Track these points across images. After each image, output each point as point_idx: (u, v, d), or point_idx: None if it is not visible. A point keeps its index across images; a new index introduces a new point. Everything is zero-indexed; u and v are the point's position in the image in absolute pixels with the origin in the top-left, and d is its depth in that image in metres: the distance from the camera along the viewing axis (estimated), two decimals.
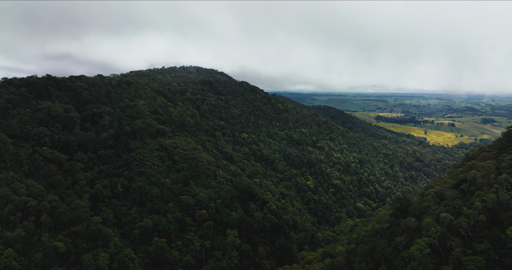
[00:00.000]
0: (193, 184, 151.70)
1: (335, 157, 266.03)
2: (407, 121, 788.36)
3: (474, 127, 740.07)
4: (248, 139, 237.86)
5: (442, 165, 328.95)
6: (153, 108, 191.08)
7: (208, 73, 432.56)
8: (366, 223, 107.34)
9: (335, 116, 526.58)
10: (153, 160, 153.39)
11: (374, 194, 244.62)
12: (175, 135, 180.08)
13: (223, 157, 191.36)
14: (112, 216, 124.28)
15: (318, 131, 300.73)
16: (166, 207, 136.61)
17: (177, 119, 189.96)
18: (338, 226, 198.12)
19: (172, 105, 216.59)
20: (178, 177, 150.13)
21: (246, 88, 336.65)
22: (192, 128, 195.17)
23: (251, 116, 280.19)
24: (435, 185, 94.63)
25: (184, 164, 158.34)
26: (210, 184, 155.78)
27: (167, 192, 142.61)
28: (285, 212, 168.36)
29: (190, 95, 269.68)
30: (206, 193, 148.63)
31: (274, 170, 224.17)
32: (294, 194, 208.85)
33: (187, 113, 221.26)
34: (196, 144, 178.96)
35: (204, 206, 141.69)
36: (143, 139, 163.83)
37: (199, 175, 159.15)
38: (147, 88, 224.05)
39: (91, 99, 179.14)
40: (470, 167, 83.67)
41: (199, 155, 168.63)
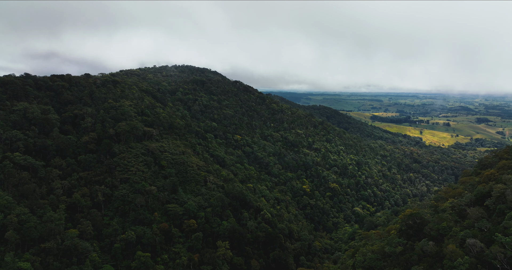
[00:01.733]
0: (181, 191, 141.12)
1: (331, 159, 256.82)
2: (402, 121, 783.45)
3: (469, 126, 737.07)
4: (241, 141, 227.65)
5: (440, 167, 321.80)
6: (140, 109, 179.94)
7: (200, 72, 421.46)
8: (369, 238, 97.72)
9: (330, 116, 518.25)
10: (138, 165, 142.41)
11: (372, 198, 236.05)
12: (163, 138, 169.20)
13: (215, 161, 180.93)
14: (91, 228, 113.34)
15: (314, 132, 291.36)
16: (151, 217, 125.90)
17: (165, 121, 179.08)
18: (335, 233, 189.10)
19: (161, 106, 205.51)
20: (165, 183, 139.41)
21: (240, 87, 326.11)
22: (182, 130, 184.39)
23: (245, 117, 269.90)
24: (447, 196, 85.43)
25: (171, 169, 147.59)
26: (200, 191, 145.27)
27: (152, 201, 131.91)
28: (280, 219, 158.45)
29: (180, 95, 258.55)
30: (195, 201, 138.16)
31: (268, 173, 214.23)
32: (290, 199, 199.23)
33: (176, 114, 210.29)
34: (186, 148, 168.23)
35: (193, 215, 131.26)
36: (128, 143, 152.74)
37: (188, 181, 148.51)
38: (134, 88, 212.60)
39: (72, 100, 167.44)
40: (489, 177, 74.57)
41: (188, 160, 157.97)
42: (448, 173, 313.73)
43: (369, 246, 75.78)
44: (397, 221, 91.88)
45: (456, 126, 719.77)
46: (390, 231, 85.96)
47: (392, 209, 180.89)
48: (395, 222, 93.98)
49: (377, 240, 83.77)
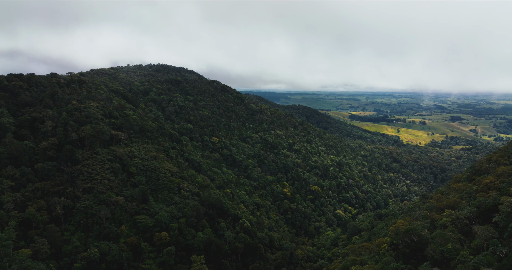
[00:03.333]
0: (152, 200, 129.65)
1: (312, 160, 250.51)
2: (380, 120, 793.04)
3: (444, 125, 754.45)
4: (219, 144, 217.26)
5: (419, 166, 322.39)
6: (108, 111, 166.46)
7: (176, 72, 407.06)
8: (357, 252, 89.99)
9: (310, 116, 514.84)
10: (104, 173, 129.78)
11: (354, 200, 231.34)
12: (132, 142, 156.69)
13: (190, 166, 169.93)
14: (47, 246, 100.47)
15: (294, 133, 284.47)
16: (117, 230, 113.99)
17: (136, 124, 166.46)
18: (318, 238, 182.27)
19: (132, 107, 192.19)
20: (134, 193, 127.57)
21: (217, 87, 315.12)
22: (154, 134, 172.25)
23: (223, 118, 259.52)
24: (440, 205, 78.81)
25: (141, 177, 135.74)
26: (173, 199, 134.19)
27: (120, 212, 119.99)
28: (260, 228, 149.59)
29: (154, 95, 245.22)
30: (168, 211, 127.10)
31: (247, 177, 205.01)
32: (270, 204, 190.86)
33: (149, 116, 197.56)
34: (158, 152, 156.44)
35: (165, 227, 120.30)
36: (93, 148, 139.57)
37: (160, 190, 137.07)
38: (102, 88, 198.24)
39: (31, 102, 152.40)
40: (488, 186, 68.33)
41: (160, 165, 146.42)
42: (427, 172, 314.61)
43: (358, 266, 68.18)
44: (387, 233, 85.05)
45: (432, 125, 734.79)
46: (381, 245, 78.91)
47: (375, 213, 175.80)
48: (385, 234, 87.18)
49: (367, 257, 76.42)
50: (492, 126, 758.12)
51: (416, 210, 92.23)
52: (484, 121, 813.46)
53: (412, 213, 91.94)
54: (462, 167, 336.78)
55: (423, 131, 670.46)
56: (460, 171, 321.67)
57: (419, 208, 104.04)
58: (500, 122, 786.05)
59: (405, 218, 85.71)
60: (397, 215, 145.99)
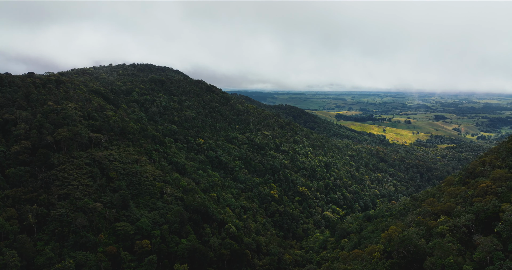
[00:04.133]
0: (133, 206, 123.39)
1: (300, 161, 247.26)
2: (366, 119, 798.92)
3: (428, 124, 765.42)
4: (204, 145, 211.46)
5: (405, 165, 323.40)
6: (87, 112, 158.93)
7: (161, 71, 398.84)
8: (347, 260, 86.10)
9: (297, 116, 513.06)
10: (81, 178, 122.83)
11: (342, 200, 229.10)
12: (113, 144, 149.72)
13: (174, 169, 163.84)
14: (18, 259, 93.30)
15: (282, 133, 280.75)
16: (95, 239, 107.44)
17: (116, 125, 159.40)
18: (306, 241, 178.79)
19: (113, 108, 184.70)
20: (113, 198, 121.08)
21: (203, 87, 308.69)
22: (136, 135, 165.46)
23: (208, 119, 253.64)
24: (434, 210, 75.64)
25: (122, 181, 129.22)
26: (156, 205, 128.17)
27: (98, 220, 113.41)
28: (247, 232, 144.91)
29: (137, 95, 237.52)
30: (150, 217, 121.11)
31: (234, 179, 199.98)
32: (257, 207, 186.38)
33: (131, 117, 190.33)
34: (140, 155, 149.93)
35: (147, 234, 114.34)
36: (70, 152, 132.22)
37: (142, 195, 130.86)
38: (82, 88, 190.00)
39: (4, 103, 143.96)
40: (485, 190, 65.41)
41: (142, 169, 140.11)
42: (414, 171, 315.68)
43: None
44: (379, 240, 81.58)
45: (416, 124, 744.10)
46: (373, 252, 75.26)
47: (364, 214, 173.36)
48: (376, 240, 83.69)
49: (358, 266, 72.60)
50: (475, 124, 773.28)
51: (408, 215, 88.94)
52: (467, 120, 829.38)
53: (404, 218, 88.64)
54: (448, 166, 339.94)
55: (408, 130, 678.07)
56: (446, 170, 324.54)
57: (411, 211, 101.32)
58: (482, 121, 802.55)
59: (398, 224, 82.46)
60: (386, 217, 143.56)
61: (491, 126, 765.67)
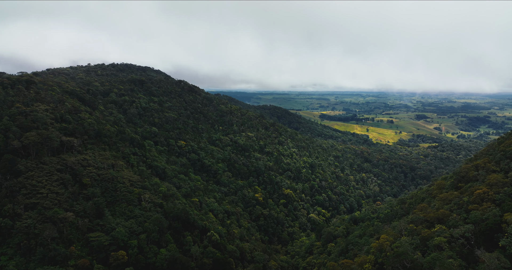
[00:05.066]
0: (108, 214, 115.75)
1: (284, 163, 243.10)
2: (349, 119, 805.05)
3: (410, 123, 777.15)
4: (186, 148, 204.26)
5: (389, 165, 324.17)
6: (59, 115, 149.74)
7: (141, 71, 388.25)
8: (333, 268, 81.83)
9: (281, 116, 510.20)
10: (51, 186, 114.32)
11: (327, 202, 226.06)
12: (87, 149, 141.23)
13: (153, 173, 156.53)
14: None
15: (266, 134, 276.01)
16: (66, 252, 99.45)
17: (91, 128, 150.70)
18: (292, 245, 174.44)
19: (88, 110, 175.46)
20: (86, 207, 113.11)
21: (184, 88, 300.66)
22: (113, 139, 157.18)
23: (190, 120, 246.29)
24: (427, 217, 71.86)
25: (96, 188, 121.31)
26: (133, 212, 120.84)
27: (69, 230, 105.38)
28: (231, 239, 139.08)
29: (115, 96, 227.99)
30: (127, 226, 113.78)
31: (217, 183, 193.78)
32: (241, 210, 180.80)
33: (108, 119, 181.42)
34: (116, 160, 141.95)
35: (123, 245, 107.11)
36: (40, 157, 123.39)
37: (118, 202, 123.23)
38: (55, 89, 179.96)
39: None
40: (482, 197, 61.94)
41: (119, 174, 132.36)
42: (398, 171, 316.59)
43: None
44: (369, 250, 77.38)
45: (399, 123, 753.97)
46: (363, 264, 71.01)
47: (350, 217, 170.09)
48: (367, 250, 79.59)
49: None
50: (455, 124, 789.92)
51: (399, 221, 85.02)
52: (447, 119, 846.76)
53: (394, 225, 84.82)
54: (431, 165, 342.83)
55: (391, 129, 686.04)
56: (429, 169, 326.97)
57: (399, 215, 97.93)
58: (462, 120, 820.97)
59: (389, 232, 78.61)
60: (373, 220, 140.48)
61: (470, 125, 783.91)
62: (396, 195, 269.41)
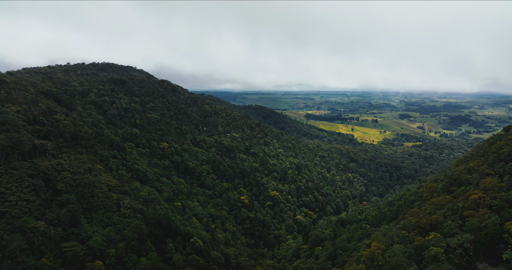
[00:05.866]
0: (84, 222, 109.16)
1: (270, 164, 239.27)
2: (334, 119, 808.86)
3: (394, 122, 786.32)
4: (168, 149, 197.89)
5: (375, 165, 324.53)
6: (32, 117, 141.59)
7: (123, 71, 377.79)
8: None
9: (267, 116, 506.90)
10: (22, 193, 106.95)
11: (314, 203, 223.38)
12: (62, 152, 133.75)
13: (134, 177, 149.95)
14: None
15: (251, 135, 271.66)
16: (37, 264, 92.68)
17: (67, 130, 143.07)
18: (278, 249, 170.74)
19: (65, 111, 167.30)
20: (60, 214, 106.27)
21: (167, 87, 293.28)
22: (91, 141, 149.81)
23: (173, 121, 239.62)
24: (419, 223, 68.86)
25: (71, 194, 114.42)
26: (111, 219, 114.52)
27: (41, 241, 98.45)
28: (215, 244, 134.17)
29: (94, 97, 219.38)
30: (104, 234, 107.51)
31: (201, 185, 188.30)
32: (226, 214, 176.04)
33: (86, 121, 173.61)
34: (94, 163, 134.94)
35: (100, 254, 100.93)
36: (9, 162, 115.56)
37: (95, 208, 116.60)
38: (29, 89, 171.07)
39: None
40: (478, 203, 59.19)
41: (96, 179, 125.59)
42: (383, 171, 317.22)
43: None
44: (360, 258, 73.76)
45: (383, 122, 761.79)
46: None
47: (337, 219, 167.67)
48: (357, 258, 76.06)
49: None
50: (437, 123, 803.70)
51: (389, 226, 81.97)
52: (430, 118, 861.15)
53: (385, 231, 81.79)
54: (415, 164, 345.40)
55: (376, 129, 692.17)
56: (414, 168, 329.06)
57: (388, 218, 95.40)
58: (444, 119, 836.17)
59: (380, 239, 75.46)
60: (361, 222, 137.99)
61: (452, 124, 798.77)
62: (382, 195, 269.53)
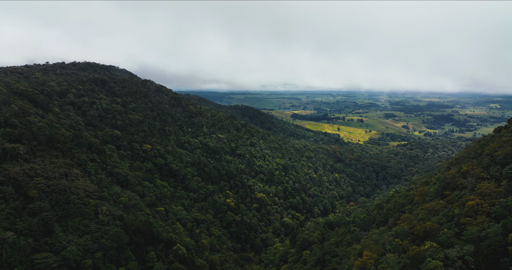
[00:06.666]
0: (59, 231, 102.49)
1: (257, 165, 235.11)
2: (321, 118, 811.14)
3: (379, 122, 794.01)
4: (151, 152, 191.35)
5: (361, 164, 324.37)
6: (3, 119, 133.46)
7: (105, 70, 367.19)
8: None
9: (253, 116, 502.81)
10: None
11: (301, 205, 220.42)
12: (36, 156, 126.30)
13: (114, 181, 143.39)
14: None
15: (237, 136, 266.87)
16: None
17: (42, 133, 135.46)
18: (265, 253, 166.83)
19: (40, 113, 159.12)
20: (32, 223, 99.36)
21: (151, 88, 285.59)
22: (68, 144, 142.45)
23: (157, 122, 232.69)
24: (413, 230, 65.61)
25: (44, 201, 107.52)
26: (88, 227, 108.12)
27: (10, 253, 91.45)
28: (200, 251, 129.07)
29: (73, 97, 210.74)
30: (80, 243, 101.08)
31: (186, 188, 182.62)
32: (212, 218, 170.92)
33: (63, 123, 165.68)
34: (71, 168, 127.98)
35: (75, 265, 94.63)
36: None
37: (71, 216, 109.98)
38: (1, 90, 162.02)
39: None
40: (475, 210, 56.29)
41: (72, 185, 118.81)
42: (370, 170, 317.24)
43: None
44: (350, 268, 70.24)
45: (369, 122, 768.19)
46: None
47: (325, 221, 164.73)
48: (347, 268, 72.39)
49: None
50: (421, 122, 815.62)
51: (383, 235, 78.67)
52: (414, 117, 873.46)
53: (376, 238, 78.46)
54: (401, 163, 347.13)
55: (361, 128, 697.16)
56: (399, 168, 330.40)
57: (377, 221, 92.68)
58: (427, 118, 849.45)
59: (371, 247, 72.00)
60: (349, 226, 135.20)
61: (435, 123, 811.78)
62: (368, 195, 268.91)
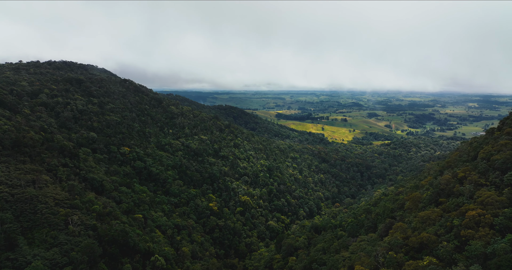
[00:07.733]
0: (23, 244, 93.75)
1: (241, 167, 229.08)
2: (305, 118, 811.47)
3: (363, 121, 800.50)
4: (130, 155, 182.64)
5: (346, 164, 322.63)
6: None
7: (83, 70, 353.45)
8: None
9: (237, 117, 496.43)
10: None
11: (286, 207, 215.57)
12: (0, 162, 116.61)
13: (88, 188, 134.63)
14: None
15: (221, 137, 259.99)
16: None
17: (7, 137, 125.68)
18: (250, 259, 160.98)
19: (7, 114, 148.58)
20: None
21: (130, 88, 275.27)
22: (37, 148, 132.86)
23: (136, 124, 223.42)
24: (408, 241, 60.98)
25: (7, 212, 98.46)
26: (57, 239, 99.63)
27: None
28: (180, 260, 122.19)
29: (45, 98, 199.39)
30: (48, 257, 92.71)
31: (166, 193, 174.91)
32: (194, 223, 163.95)
33: (33, 125, 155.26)
34: (39, 174, 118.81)
35: None
36: None
37: (38, 227, 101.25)
38: None
39: None
40: (477, 221, 51.91)
41: (40, 193, 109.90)
42: (354, 170, 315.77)
43: None
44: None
45: (352, 121, 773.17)
46: None
47: (311, 225, 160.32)
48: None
49: None
50: (403, 121, 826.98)
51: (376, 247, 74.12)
52: (396, 116, 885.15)
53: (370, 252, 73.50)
54: (385, 163, 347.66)
55: (345, 128, 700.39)
56: (384, 167, 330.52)
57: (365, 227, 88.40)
58: (409, 117, 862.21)
59: (363, 260, 67.22)
60: (336, 230, 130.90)
61: (417, 122, 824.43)
62: (354, 195, 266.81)
